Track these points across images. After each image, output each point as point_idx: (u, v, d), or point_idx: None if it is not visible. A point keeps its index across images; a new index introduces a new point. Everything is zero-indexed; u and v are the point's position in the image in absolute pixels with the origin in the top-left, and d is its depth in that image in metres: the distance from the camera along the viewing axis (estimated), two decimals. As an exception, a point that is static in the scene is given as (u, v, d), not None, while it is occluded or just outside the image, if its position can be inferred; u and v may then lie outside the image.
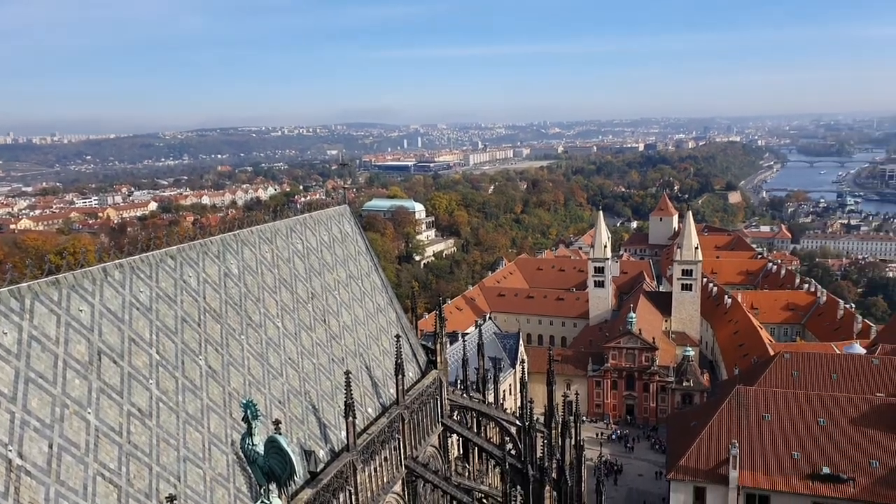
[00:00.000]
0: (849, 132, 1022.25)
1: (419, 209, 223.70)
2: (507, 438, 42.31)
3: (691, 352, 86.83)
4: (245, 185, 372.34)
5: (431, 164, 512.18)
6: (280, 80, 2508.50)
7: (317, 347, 32.19)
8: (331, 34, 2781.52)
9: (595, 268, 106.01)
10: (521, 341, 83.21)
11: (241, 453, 21.12)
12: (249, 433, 19.03)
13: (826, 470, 45.83)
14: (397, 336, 34.53)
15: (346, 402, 28.67)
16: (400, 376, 34.16)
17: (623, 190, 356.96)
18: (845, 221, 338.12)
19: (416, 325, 44.45)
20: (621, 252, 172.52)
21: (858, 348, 74.75)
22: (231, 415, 25.51)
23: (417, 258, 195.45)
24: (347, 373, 29.17)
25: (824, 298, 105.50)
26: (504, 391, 72.30)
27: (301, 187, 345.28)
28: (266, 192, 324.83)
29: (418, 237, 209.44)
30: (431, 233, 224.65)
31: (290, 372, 29.72)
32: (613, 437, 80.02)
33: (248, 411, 18.91)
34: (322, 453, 29.30)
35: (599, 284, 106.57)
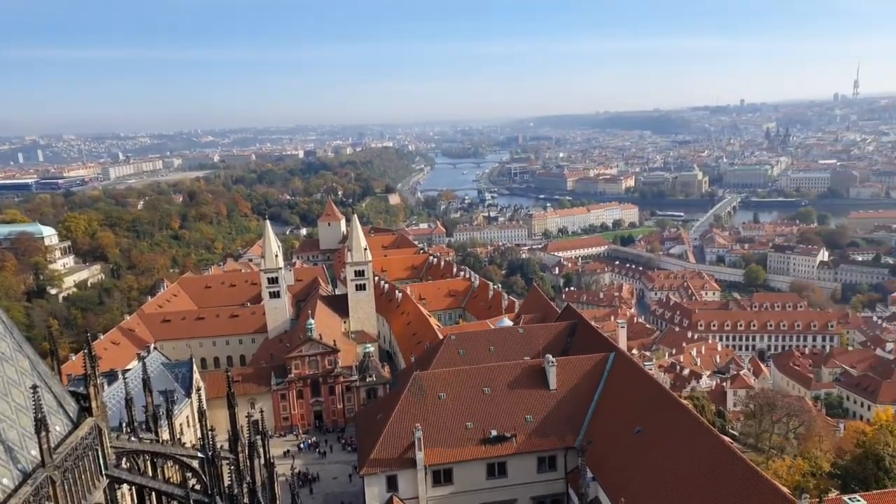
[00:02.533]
0: (480, 136, 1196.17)
1: (49, 233, 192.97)
2: (190, 474, 39.13)
3: (371, 348, 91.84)
4: None
5: (60, 181, 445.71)
6: None
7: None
8: None
9: (268, 279, 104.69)
10: (194, 368, 77.76)
11: None
12: None
13: (494, 433, 52.90)
14: (34, 387, 29.05)
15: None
16: (43, 433, 28.80)
17: (288, 197, 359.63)
18: (486, 214, 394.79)
19: (60, 371, 38.11)
20: (294, 260, 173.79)
21: (507, 322, 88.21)
22: None
23: (54, 291, 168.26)
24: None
25: (478, 282, 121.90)
26: (181, 425, 66.77)
27: None
28: None
29: (52, 267, 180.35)
30: (69, 260, 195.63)
31: None
32: (304, 446, 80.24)
33: None
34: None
35: (275, 295, 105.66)
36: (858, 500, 39.04)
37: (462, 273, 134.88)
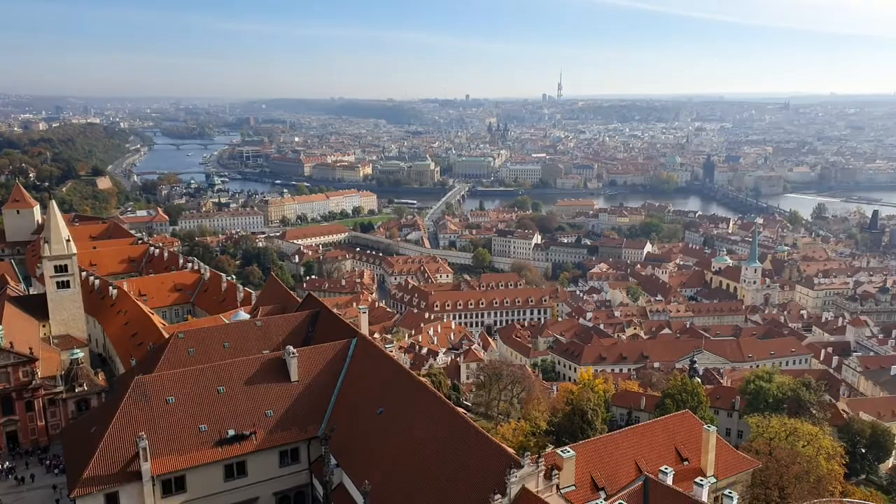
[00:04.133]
0: (207, 116, 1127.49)
1: None
2: None
3: (80, 353, 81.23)
4: None
5: None
6: None
7: None
8: None
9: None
10: None
11: None
12: None
13: (231, 432, 50.64)
14: None
15: None
16: None
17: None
18: (216, 200, 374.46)
19: None
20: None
21: (244, 314, 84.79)
22: None
23: None
24: None
25: (208, 274, 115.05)
26: None
27: None
28: None
29: None
30: None
31: None
32: (-4, 478, 68.34)
33: None
34: None
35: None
36: (568, 451, 45.35)
37: (190, 265, 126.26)
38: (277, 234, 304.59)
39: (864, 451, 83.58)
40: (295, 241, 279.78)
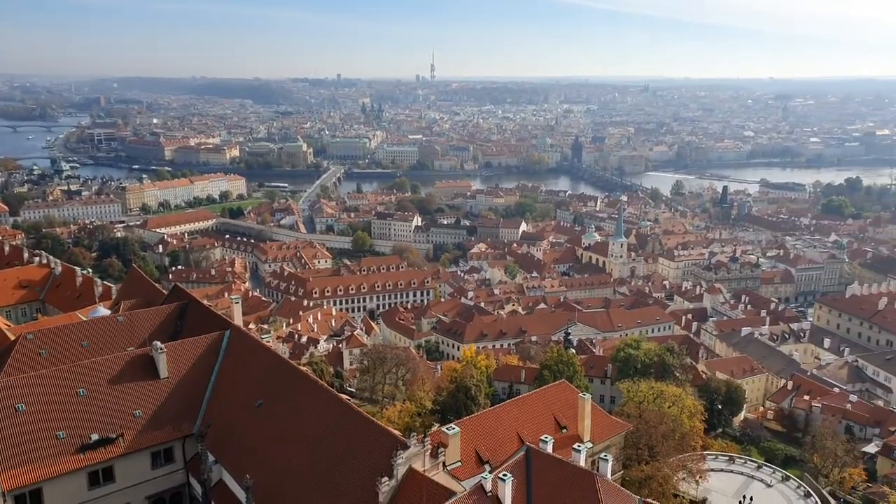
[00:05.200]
0: (49, 96, 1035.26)
1: None
2: None
3: None
4: None
5: None
6: None
7: None
8: None
9: None
10: None
11: None
12: None
13: (95, 437, 47.28)
14: None
15: None
16: None
17: None
18: (65, 188, 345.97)
19: None
20: None
21: (103, 310, 78.98)
22: None
23: None
24: None
25: (60, 269, 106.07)
26: None
27: None
28: None
29: None
30: None
31: None
32: None
33: None
34: None
35: None
36: (454, 428, 46.38)
37: (37, 259, 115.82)
38: (138, 222, 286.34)
39: (720, 407, 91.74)
40: (158, 230, 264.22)
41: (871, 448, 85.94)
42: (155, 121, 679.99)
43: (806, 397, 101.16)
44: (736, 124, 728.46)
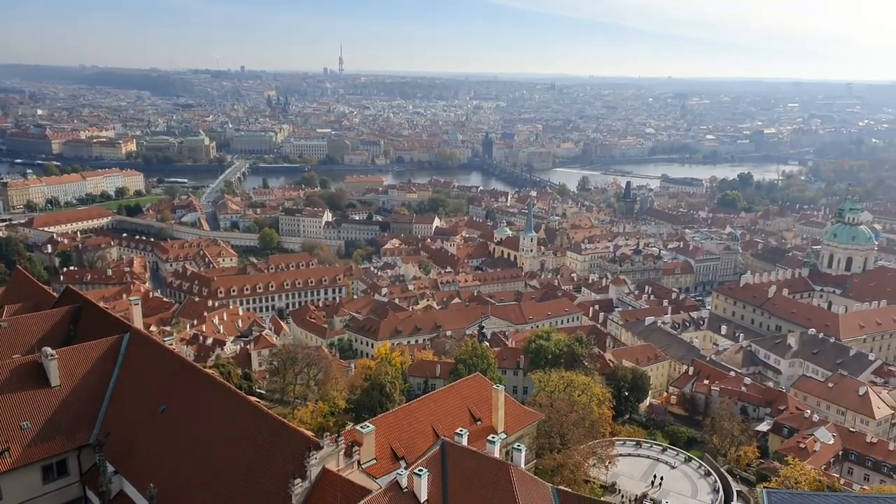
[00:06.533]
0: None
1: None
2: None
3: None
4: None
5: None
6: None
7: None
8: None
9: None
10: None
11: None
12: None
13: (-23, 452, 43.99)
14: None
15: None
16: None
17: None
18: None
19: None
20: None
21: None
22: None
23: None
24: None
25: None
26: None
27: None
28: None
29: None
30: None
31: None
32: None
33: None
34: None
35: None
36: (367, 426, 46.17)
37: None
38: (23, 220, 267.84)
39: (626, 394, 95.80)
40: (46, 229, 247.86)
41: (764, 427, 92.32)
42: (40, 112, 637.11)
43: (706, 382, 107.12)
44: (638, 122, 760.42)
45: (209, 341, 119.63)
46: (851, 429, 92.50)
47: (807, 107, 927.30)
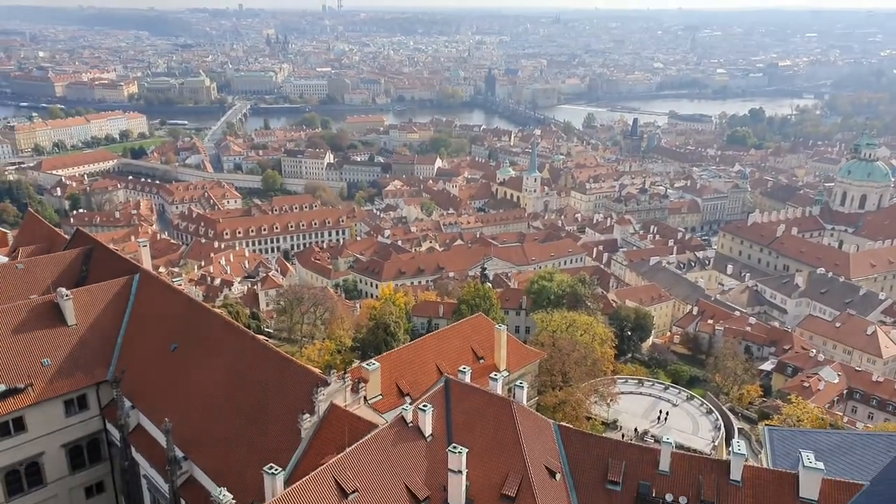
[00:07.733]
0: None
1: None
2: None
3: None
4: None
5: None
6: None
7: None
8: None
9: None
10: None
11: None
12: None
13: (2, 387, 45.89)
14: None
15: None
16: None
17: None
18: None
19: None
20: None
21: (1, 258, 75.00)
22: None
23: None
24: None
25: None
26: None
27: None
28: None
29: None
30: None
31: None
32: None
33: None
34: None
35: None
36: (373, 364, 47.80)
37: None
38: (31, 164, 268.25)
39: (629, 333, 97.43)
40: (54, 172, 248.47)
41: (767, 366, 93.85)
42: (42, 54, 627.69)
43: (710, 321, 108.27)
44: (646, 56, 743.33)
45: (217, 282, 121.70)
46: (857, 368, 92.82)
47: (825, 37, 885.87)
